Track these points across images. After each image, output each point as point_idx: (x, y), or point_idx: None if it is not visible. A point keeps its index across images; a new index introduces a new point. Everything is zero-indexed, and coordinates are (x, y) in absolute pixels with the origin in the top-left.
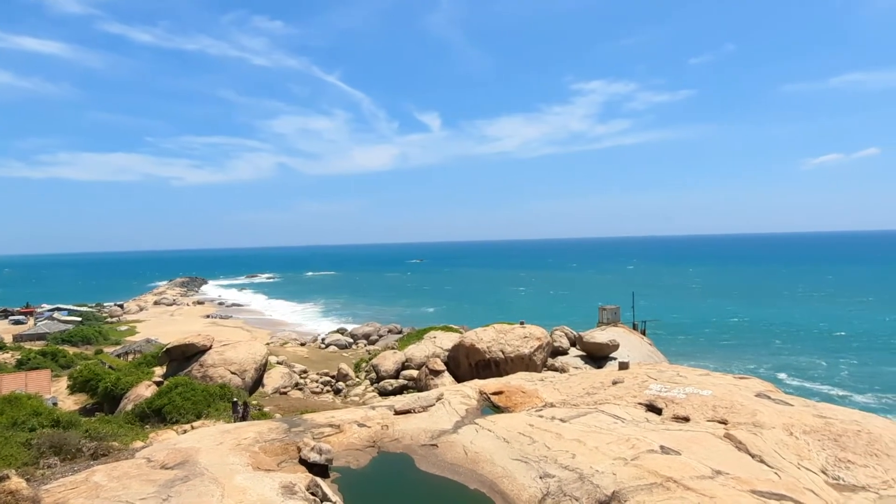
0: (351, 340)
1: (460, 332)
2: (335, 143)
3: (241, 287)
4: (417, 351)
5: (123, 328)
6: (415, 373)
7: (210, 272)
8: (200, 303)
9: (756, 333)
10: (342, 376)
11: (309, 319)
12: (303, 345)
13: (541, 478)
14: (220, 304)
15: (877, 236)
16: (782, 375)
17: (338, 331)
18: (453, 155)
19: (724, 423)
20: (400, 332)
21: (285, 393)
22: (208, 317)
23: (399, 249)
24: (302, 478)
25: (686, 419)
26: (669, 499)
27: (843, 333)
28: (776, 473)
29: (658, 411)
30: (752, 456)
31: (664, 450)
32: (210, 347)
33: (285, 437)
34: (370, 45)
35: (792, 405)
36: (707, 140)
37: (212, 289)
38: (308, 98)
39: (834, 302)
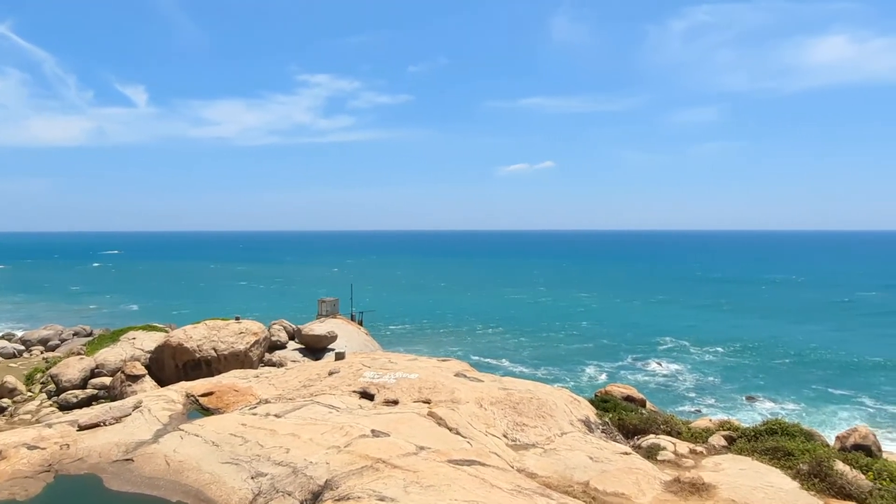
0: (22, 347)
1: (166, 332)
2: (4, 108)
3: None
4: (112, 355)
5: None
6: (108, 380)
7: None
8: None
9: (460, 319)
10: (7, 391)
11: None
12: None
13: (252, 478)
14: None
15: (565, 236)
16: (476, 356)
17: (3, 336)
18: (163, 136)
19: (427, 402)
20: (90, 335)
21: None
22: None
23: (93, 238)
24: None
25: (395, 402)
26: (378, 479)
27: (529, 318)
28: (468, 442)
29: (371, 397)
30: (450, 429)
31: (375, 433)
32: None
33: None
34: None
35: (483, 381)
36: (423, 143)
37: None
38: None
39: (524, 291)
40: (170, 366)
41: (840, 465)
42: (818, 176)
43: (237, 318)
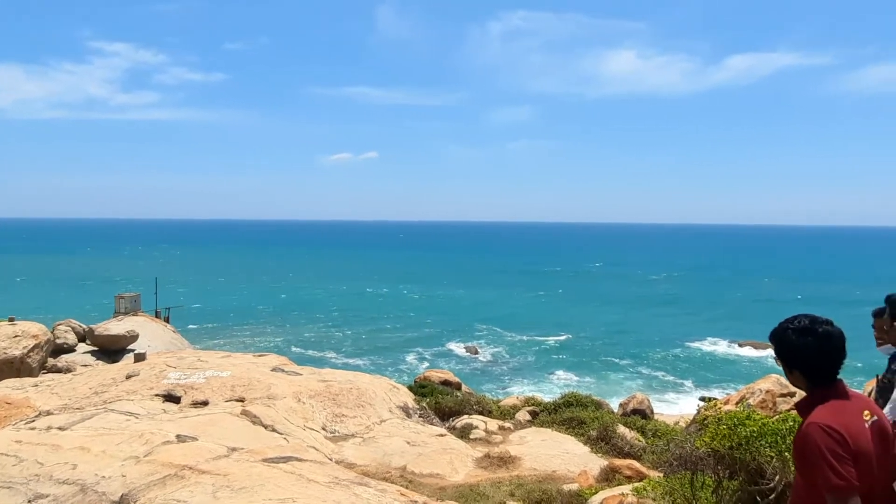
0: None
1: None
2: None
3: None
4: None
5: None
6: None
7: None
8: None
9: (281, 312)
10: None
11: None
12: None
13: (30, 501)
14: None
15: (390, 227)
16: (297, 349)
17: None
18: None
19: (241, 400)
20: None
21: None
22: None
23: None
24: None
25: (205, 403)
26: (184, 486)
27: (353, 309)
28: (285, 439)
29: (177, 400)
30: (266, 427)
31: (181, 438)
32: None
33: None
34: None
35: (301, 374)
36: (241, 126)
37: None
38: None
39: (348, 282)
40: None
41: (621, 429)
42: (616, 175)
43: (11, 320)
